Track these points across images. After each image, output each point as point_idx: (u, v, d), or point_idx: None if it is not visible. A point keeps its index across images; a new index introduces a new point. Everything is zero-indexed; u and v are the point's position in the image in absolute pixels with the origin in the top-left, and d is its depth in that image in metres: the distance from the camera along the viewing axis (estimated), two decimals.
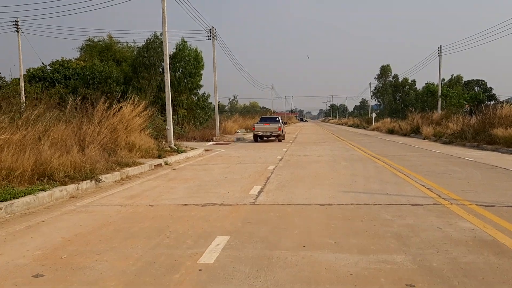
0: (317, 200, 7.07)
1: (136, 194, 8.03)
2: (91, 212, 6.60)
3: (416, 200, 6.99)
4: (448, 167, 11.68)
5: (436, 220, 5.63)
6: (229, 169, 11.80)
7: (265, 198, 7.33)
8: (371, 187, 8.35)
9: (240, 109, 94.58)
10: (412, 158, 14.47)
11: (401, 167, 11.50)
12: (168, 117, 17.67)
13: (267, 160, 13.97)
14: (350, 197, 7.27)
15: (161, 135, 17.83)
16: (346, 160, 13.86)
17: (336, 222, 5.59)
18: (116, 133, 13.18)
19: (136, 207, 6.87)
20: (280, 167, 11.96)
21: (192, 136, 27.30)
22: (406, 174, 10.08)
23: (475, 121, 24.37)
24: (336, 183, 8.88)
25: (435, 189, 8.00)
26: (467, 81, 64.71)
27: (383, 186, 8.44)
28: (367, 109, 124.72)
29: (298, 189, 8.20)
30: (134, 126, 14.46)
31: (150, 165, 11.90)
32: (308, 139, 29.05)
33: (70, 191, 8.02)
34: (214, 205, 6.83)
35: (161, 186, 9.00)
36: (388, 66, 74.59)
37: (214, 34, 28.65)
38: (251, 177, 9.97)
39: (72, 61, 38.89)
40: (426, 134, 28.83)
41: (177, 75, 33.62)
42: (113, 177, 9.72)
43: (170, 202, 7.16)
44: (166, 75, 17.69)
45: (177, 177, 10.37)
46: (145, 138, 14.55)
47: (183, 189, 8.45)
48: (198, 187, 8.66)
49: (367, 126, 59.36)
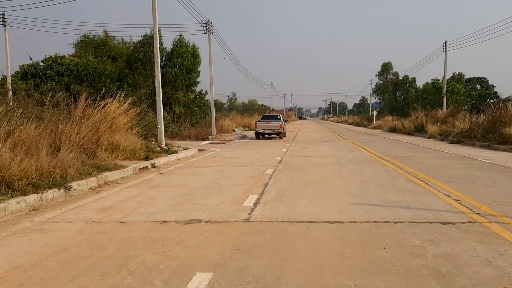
0: (325, 216, 5.83)
1: (109, 206, 6.78)
2: (47, 231, 5.35)
3: (445, 216, 5.75)
4: (468, 171, 10.44)
5: (480, 248, 4.38)
6: (223, 173, 10.55)
7: (261, 213, 6.08)
8: (387, 197, 7.10)
9: (239, 107, 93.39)
10: (423, 160, 13.23)
11: (415, 171, 10.26)
12: (159, 114, 16.40)
13: (265, 162, 12.72)
14: (364, 212, 6.03)
15: (151, 134, 16.57)
16: (352, 162, 12.61)
17: (351, 250, 4.35)
18: (98, 132, 11.93)
19: (104, 224, 5.62)
20: (280, 171, 10.72)
21: (187, 135, 26.06)
22: (423, 180, 8.83)
23: (484, 120, 23.14)
24: (345, 192, 7.63)
25: (464, 200, 6.76)
26: (468, 79, 63.60)
27: (401, 196, 7.18)
28: (366, 107, 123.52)
29: (301, 200, 6.95)
30: (120, 125, 13.20)
31: (134, 169, 10.64)
32: (309, 138, 27.80)
33: (31, 202, 6.76)
34: (199, 223, 5.59)
35: (142, 194, 7.75)
36: (389, 63, 74.07)
37: (210, 28, 27.36)
38: (246, 184, 8.72)
39: (66, 57, 37.66)
40: (432, 132, 27.64)
41: (173, 72, 32.48)
42: (88, 183, 8.46)
43: (146, 218, 5.91)
44: (157, 69, 16.41)
45: (163, 183, 9.12)
46: (131, 138, 13.29)
47: (165, 199, 7.20)
48: (184, 197, 7.41)
49: (368, 124, 58.06)
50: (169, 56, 33.87)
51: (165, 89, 32.70)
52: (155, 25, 16.10)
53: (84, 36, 40.61)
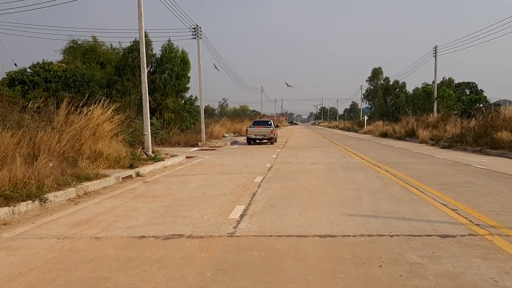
0: (316, 229, 5.45)
1: (86, 219, 6.33)
2: (14, 249, 4.90)
3: (443, 228, 5.40)
4: (462, 177, 10.15)
5: (484, 265, 4.03)
6: (210, 181, 10.14)
7: (248, 226, 5.68)
8: (381, 207, 6.74)
9: (230, 113, 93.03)
10: (416, 166, 12.93)
11: (409, 178, 9.95)
12: (146, 121, 15.95)
13: (254, 170, 12.33)
14: (357, 224, 5.66)
15: (137, 141, 16.11)
16: (344, 169, 12.26)
17: (345, 270, 3.97)
18: (80, 140, 11.46)
19: (77, 240, 5.18)
20: (269, 179, 10.34)
21: (176, 141, 25.57)
22: (418, 188, 8.50)
23: (475, 124, 23.00)
24: (337, 201, 7.27)
25: (461, 210, 6.43)
26: (458, 84, 63.95)
27: (396, 205, 6.83)
28: (357, 112, 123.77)
29: (290, 211, 6.56)
30: (104, 132, 12.74)
31: (117, 178, 10.18)
32: (300, 144, 27.48)
33: (2, 216, 6.29)
34: (180, 238, 5.18)
35: (122, 206, 7.31)
36: (380, 68, 74.78)
37: (199, 32, 26.98)
38: (233, 193, 8.32)
39: (54, 63, 37.03)
40: (423, 137, 27.47)
41: (163, 77, 32.12)
42: (66, 194, 8.00)
43: (123, 233, 5.48)
44: (143, 74, 15.98)
45: (146, 193, 8.68)
46: (116, 145, 12.82)
47: (147, 212, 6.77)
48: (167, 208, 6.98)
49: (358, 129, 57.93)
50: (159, 62, 33.53)
51: (155, 95, 32.30)
52: (141, 30, 15.70)
53: (73, 42, 40.05)
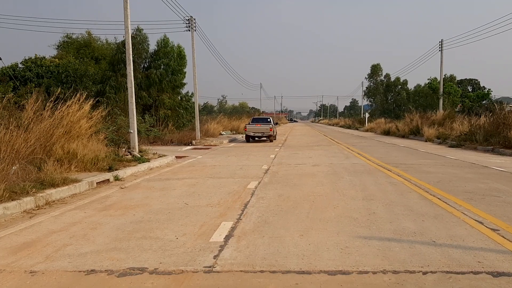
0: (322, 260, 4.13)
1: (32, 241, 5.02)
2: None
3: (491, 259, 4.08)
4: (487, 183, 8.82)
5: None
6: (196, 187, 8.82)
7: (233, 255, 4.36)
8: (402, 225, 5.41)
9: (229, 110, 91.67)
10: (430, 168, 11.61)
11: (426, 184, 8.63)
12: (131, 118, 14.61)
13: (249, 173, 11.01)
14: (376, 252, 4.34)
15: (123, 140, 14.79)
16: (349, 172, 10.94)
17: None
18: (51, 139, 10.14)
19: (6, 276, 3.87)
20: (265, 184, 9.02)
21: (169, 139, 24.27)
22: (440, 198, 7.18)
23: (485, 122, 21.71)
24: (346, 216, 5.95)
25: (504, 230, 5.11)
26: (460, 80, 62.63)
27: (420, 223, 5.50)
28: (357, 109, 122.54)
29: (289, 231, 5.24)
30: (81, 130, 11.42)
31: (90, 183, 8.86)
32: (299, 142, 26.15)
33: None
34: (141, 274, 3.86)
35: (84, 221, 5.99)
36: (379, 65, 73.17)
37: (194, 24, 25.59)
38: (221, 204, 7.00)
39: (46, 58, 35.70)
40: (428, 136, 26.15)
41: (158, 72, 30.95)
42: (21, 205, 6.68)
43: (69, 265, 4.16)
44: (129, 66, 14.64)
45: (119, 202, 7.36)
46: (95, 145, 11.48)
47: (110, 230, 5.45)
48: (136, 226, 5.66)
49: (360, 127, 56.67)
50: (154, 56, 32.43)
51: (150, 91, 31.15)
52: (127, 18, 14.32)
53: (67, 37, 38.71)
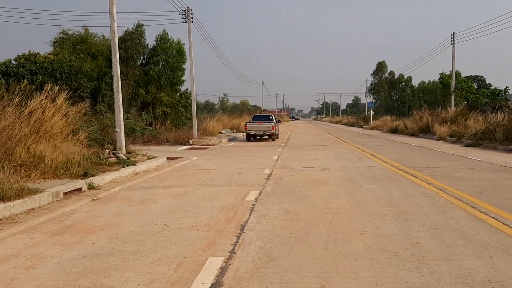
0: None
1: None
2: None
3: None
4: None
5: None
6: (183, 199, 7.20)
7: None
8: (464, 266, 3.76)
9: (230, 108, 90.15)
10: (459, 173, 9.97)
11: (467, 196, 7.00)
12: (118, 115, 13.00)
13: (249, 179, 9.40)
14: None
15: (108, 140, 13.22)
16: (367, 178, 9.29)
17: None
18: (13, 140, 8.54)
19: None
20: (267, 196, 7.41)
21: (164, 138, 22.67)
22: (495, 218, 5.51)
23: (504, 119, 20.08)
24: (381, 249, 4.31)
25: None
26: (465, 77, 61.20)
27: (490, 263, 3.84)
28: (360, 106, 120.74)
29: (303, 278, 3.60)
30: (53, 129, 9.85)
31: (55, 194, 7.25)
32: (304, 141, 24.51)
33: None
34: None
35: (23, 254, 4.39)
36: (384, 62, 73.41)
37: (190, 16, 23.92)
38: (211, 225, 5.39)
39: (41, 55, 34.23)
40: (441, 134, 24.57)
41: (157, 69, 29.58)
42: None
43: None
44: (114, 58, 13.01)
45: (81, 221, 5.75)
46: (70, 146, 9.92)
47: (51, 271, 3.84)
48: (90, 261, 4.05)
49: (364, 125, 54.92)
50: (152, 52, 31.10)
51: (148, 88, 29.80)
52: (112, 2, 12.69)
53: (63, 33, 37.20)
